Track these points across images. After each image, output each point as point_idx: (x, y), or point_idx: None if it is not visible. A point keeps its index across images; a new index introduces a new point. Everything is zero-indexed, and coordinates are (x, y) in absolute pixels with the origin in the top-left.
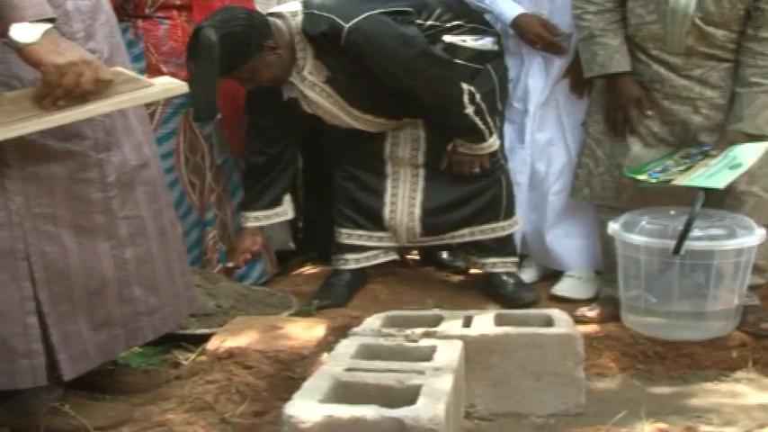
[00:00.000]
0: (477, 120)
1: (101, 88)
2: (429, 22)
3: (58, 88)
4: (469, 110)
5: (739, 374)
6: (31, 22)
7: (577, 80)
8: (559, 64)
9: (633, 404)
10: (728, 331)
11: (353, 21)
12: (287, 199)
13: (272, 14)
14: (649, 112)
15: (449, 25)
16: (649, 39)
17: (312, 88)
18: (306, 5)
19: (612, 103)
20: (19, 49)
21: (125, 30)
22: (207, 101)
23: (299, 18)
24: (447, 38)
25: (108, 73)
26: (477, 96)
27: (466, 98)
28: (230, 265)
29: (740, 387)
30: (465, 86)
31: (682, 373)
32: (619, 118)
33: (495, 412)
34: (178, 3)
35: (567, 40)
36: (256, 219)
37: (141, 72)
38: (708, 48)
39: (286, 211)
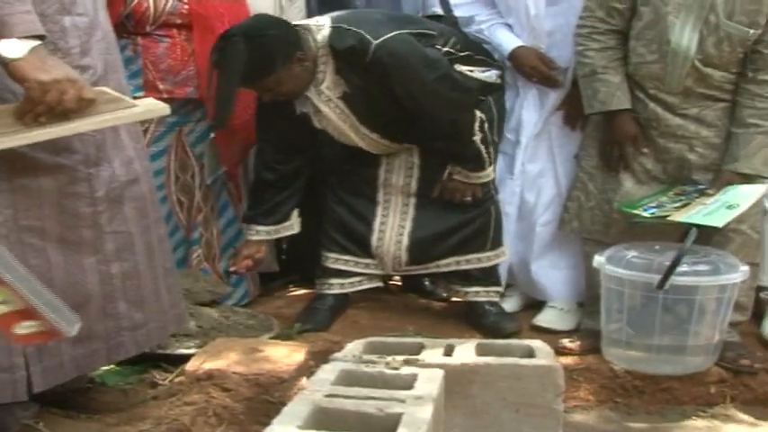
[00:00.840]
0: (482, 148)
1: (83, 107)
2: (445, 49)
3: (40, 105)
4: (477, 137)
5: (717, 410)
6: (19, 38)
7: (571, 113)
8: (554, 97)
9: None
10: (708, 367)
11: (382, 38)
12: (295, 214)
13: (297, 26)
14: (645, 150)
15: (461, 54)
16: (648, 78)
17: (327, 103)
18: (334, 20)
19: (609, 139)
20: (5, 64)
21: (124, 46)
22: (226, 108)
23: (326, 32)
24: (458, 66)
25: (91, 92)
26: (486, 125)
27: (477, 125)
28: (232, 269)
29: (717, 423)
30: (478, 114)
31: (660, 407)
32: (614, 154)
33: None
34: (178, 22)
35: (563, 74)
36: (267, 233)
37: (138, 89)
38: (706, 89)
39: (293, 225)
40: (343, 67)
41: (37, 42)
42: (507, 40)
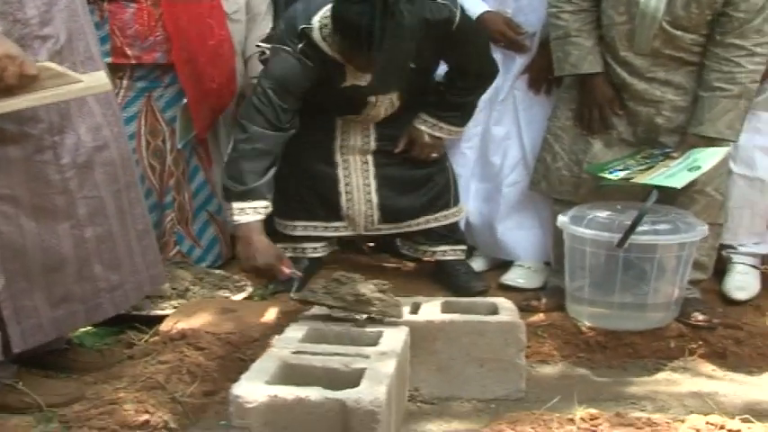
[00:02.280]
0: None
1: (25, 83)
2: None
3: None
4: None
5: (676, 363)
6: None
7: (535, 77)
8: (520, 62)
9: (571, 391)
10: (668, 322)
11: (458, 9)
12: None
13: None
14: (620, 112)
15: None
16: (618, 39)
17: None
18: None
19: (587, 102)
20: None
21: (90, 12)
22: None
23: None
24: None
25: (33, 68)
26: None
27: None
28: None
29: (676, 376)
30: None
31: (622, 362)
32: (594, 116)
33: (439, 396)
34: None
35: (529, 38)
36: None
37: (106, 54)
38: (674, 50)
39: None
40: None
41: None
42: (473, 5)
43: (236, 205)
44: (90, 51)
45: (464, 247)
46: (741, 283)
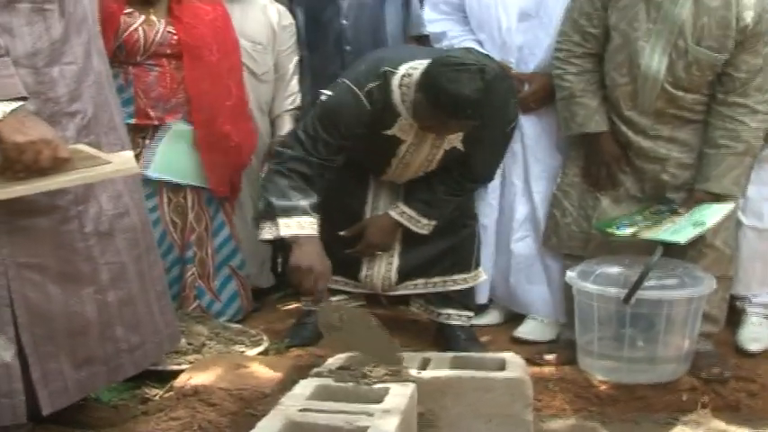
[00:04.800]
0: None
1: (58, 165)
2: None
3: (17, 163)
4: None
5: (688, 417)
6: (1, 100)
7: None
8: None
9: None
10: (679, 375)
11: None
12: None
13: None
14: (626, 169)
15: None
16: (622, 99)
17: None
18: None
19: (594, 160)
20: None
21: (116, 75)
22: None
23: None
24: None
25: (66, 152)
26: None
27: None
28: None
29: (687, 430)
30: None
31: (634, 415)
32: (602, 173)
33: None
34: (168, 52)
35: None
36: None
37: (130, 116)
38: (677, 110)
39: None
40: None
41: (17, 104)
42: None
43: (287, 221)
44: (114, 122)
45: (470, 314)
46: (755, 334)
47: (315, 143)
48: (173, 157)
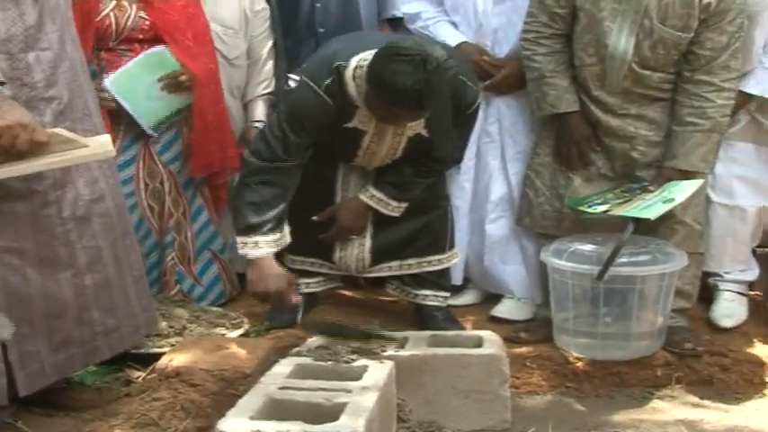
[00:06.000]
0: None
1: (36, 149)
2: None
3: None
4: None
5: (663, 392)
6: None
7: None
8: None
9: (557, 420)
10: (653, 351)
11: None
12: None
13: None
14: (597, 148)
15: None
16: (590, 79)
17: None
18: None
19: (565, 140)
20: None
21: (88, 61)
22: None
23: None
24: None
25: (43, 135)
26: None
27: None
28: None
29: (662, 404)
30: None
31: (609, 390)
32: (573, 153)
33: (427, 428)
34: (140, 37)
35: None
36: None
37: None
38: (644, 89)
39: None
40: None
41: None
42: (451, 37)
43: (245, 240)
44: (88, 108)
45: (447, 294)
46: (728, 310)
47: (285, 146)
48: (135, 82)
